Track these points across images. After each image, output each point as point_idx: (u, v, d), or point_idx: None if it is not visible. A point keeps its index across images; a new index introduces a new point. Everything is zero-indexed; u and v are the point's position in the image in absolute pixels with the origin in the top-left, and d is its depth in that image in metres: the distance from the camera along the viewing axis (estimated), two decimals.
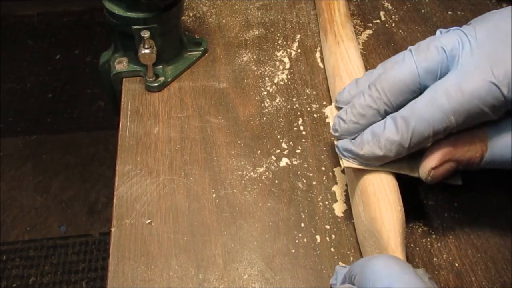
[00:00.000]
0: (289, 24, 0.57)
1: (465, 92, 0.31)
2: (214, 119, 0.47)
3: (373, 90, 0.35)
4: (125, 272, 0.37)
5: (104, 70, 0.53)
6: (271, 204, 0.41)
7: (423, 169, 0.34)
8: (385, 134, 0.33)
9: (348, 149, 0.36)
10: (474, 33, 0.33)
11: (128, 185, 0.42)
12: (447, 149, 0.33)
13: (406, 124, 0.33)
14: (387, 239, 0.33)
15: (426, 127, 0.32)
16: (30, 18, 1.86)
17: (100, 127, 1.54)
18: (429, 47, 0.33)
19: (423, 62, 0.33)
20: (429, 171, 0.34)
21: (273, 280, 0.37)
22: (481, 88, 0.31)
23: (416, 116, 0.32)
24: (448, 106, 0.31)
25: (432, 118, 0.32)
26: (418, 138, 0.33)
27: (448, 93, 0.31)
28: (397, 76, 0.34)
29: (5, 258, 1.24)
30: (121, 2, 0.46)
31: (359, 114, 0.35)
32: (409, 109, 0.33)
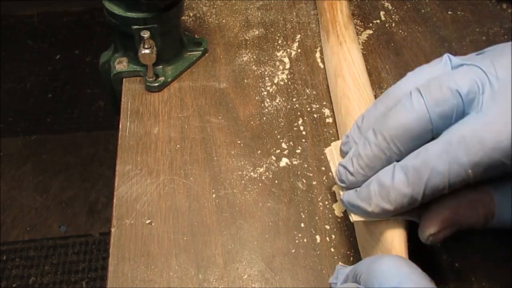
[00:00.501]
0: (289, 24, 0.57)
1: (485, 145, 0.27)
2: (214, 119, 0.47)
3: (379, 139, 0.31)
4: (125, 272, 0.37)
5: (104, 70, 0.53)
6: (271, 204, 0.41)
7: (422, 234, 0.31)
8: (395, 187, 0.30)
9: (355, 205, 0.32)
10: (494, 72, 0.29)
11: (128, 185, 0.42)
12: (448, 215, 0.31)
13: (418, 176, 0.29)
14: (391, 241, 0.33)
15: (441, 180, 0.29)
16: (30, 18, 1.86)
17: (100, 127, 1.54)
18: (442, 89, 0.29)
19: (435, 107, 0.29)
20: (428, 237, 0.31)
21: (273, 280, 0.37)
22: (505, 140, 0.27)
23: (430, 168, 0.29)
24: (466, 159, 0.28)
25: (447, 171, 0.28)
26: (433, 191, 0.29)
27: (466, 144, 0.28)
28: (406, 123, 0.30)
29: (5, 258, 1.24)
30: (121, 2, 0.46)
31: (367, 167, 0.32)
32: (422, 159, 0.29)
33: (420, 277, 0.27)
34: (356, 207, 0.32)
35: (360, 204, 0.31)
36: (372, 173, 0.32)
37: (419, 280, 0.27)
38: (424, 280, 0.27)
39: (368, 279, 0.28)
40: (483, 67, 0.30)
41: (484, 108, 0.28)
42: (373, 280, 0.28)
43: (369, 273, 0.28)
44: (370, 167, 0.31)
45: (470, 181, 0.29)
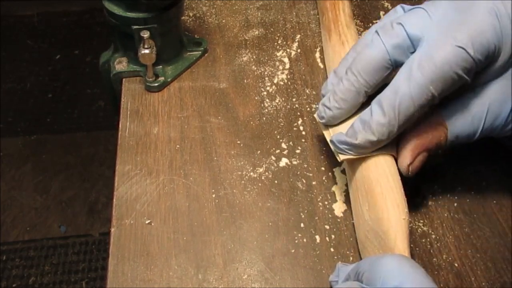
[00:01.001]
0: (289, 24, 0.57)
1: (436, 61, 0.33)
2: (214, 119, 0.47)
3: (349, 74, 0.37)
4: (125, 272, 0.37)
5: (104, 70, 0.53)
6: (270, 204, 0.41)
7: (401, 168, 0.36)
8: (373, 119, 0.35)
9: (343, 141, 0.36)
10: (433, 8, 0.36)
11: (128, 185, 0.42)
12: (414, 143, 0.35)
13: (390, 105, 0.34)
14: (394, 240, 0.33)
15: (409, 103, 0.33)
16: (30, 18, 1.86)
17: (100, 127, 1.54)
18: (393, 27, 0.36)
19: (390, 40, 0.36)
20: (407, 168, 0.36)
21: (273, 280, 0.37)
22: (450, 53, 0.33)
23: (398, 95, 0.34)
24: (424, 78, 0.33)
25: (412, 92, 0.33)
26: (405, 115, 0.34)
27: (421, 65, 0.33)
28: (369, 57, 0.36)
29: (5, 258, 1.24)
30: (121, 2, 0.46)
31: (341, 99, 0.37)
32: (390, 89, 0.35)
33: (423, 277, 0.27)
34: (344, 142, 0.36)
35: (347, 139, 0.36)
36: (346, 106, 0.37)
37: (421, 279, 0.27)
38: (426, 280, 0.27)
39: (371, 278, 0.28)
40: (425, 7, 0.36)
41: (428, 35, 0.35)
42: (376, 279, 0.28)
43: (371, 272, 0.28)
44: (343, 99, 0.37)
45: (435, 100, 0.34)
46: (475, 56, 0.32)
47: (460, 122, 0.35)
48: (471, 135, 0.36)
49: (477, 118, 0.35)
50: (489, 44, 0.33)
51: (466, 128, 0.35)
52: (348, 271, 0.33)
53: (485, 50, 0.33)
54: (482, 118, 0.35)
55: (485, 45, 0.33)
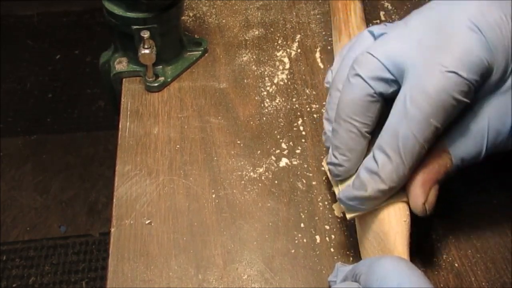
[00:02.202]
0: (289, 24, 0.57)
1: (430, 92, 0.31)
2: (214, 119, 0.47)
3: (341, 123, 0.35)
4: (125, 272, 0.37)
5: (104, 70, 0.53)
6: (270, 204, 0.41)
7: (416, 209, 0.33)
8: (380, 167, 0.32)
9: (353, 197, 0.33)
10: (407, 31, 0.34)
11: (128, 185, 0.42)
12: (423, 179, 0.33)
13: (393, 149, 0.32)
14: (394, 242, 0.32)
15: (413, 142, 0.31)
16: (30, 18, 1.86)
17: (100, 127, 1.54)
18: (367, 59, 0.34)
19: (368, 74, 0.33)
20: (423, 207, 0.33)
21: (273, 281, 0.37)
22: (442, 81, 0.30)
23: (399, 137, 0.31)
24: (422, 113, 0.31)
25: (414, 131, 0.31)
26: (412, 155, 0.32)
27: (414, 100, 0.31)
28: (353, 98, 0.34)
29: (5, 258, 1.24)
30: (121, 2, 0.46)
31: (346, 150, 0.35)
32: (388, 132, 0.32)
33: (420, 279, 0.27)
34: (353, 198, 0.33)
35: (356, 193, 0.33)
36: (354, 154, 0.35)
37: (418, 282, 0.27)
38: (423, 282, 0.27)
39: (368, 280, 0.28)
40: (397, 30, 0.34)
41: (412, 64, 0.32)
42: (373, 280, 0.28)
43: (369, 274, 0.28)
44: (349, 150, 0.35)
45: (440, 131, 0.32)
46: (469, 78, 0.30)
47: (463, 145, 0.33)
48: (476, 156, 0.33)
49: (479, 137, 0.33)
50: (481, 61, 0.31)
51: (470, 150, 0.33)
52: (346, 272, 0.33)
53: (478, 68, 0.31)
54: (484, 137, 0.33)
55: (477, 63, 0.31)
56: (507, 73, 0.32)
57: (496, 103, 0.33)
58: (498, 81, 0.32)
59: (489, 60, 0.31)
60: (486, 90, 0.33)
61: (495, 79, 0.32)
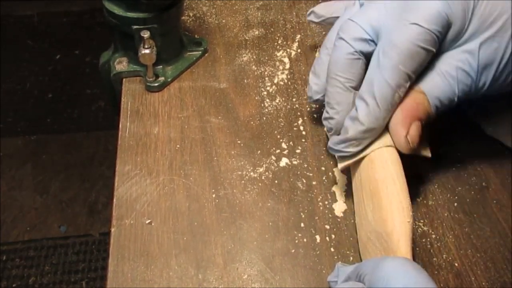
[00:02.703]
0: (289, 24, 0.57)
1: (397, 43, 0.35)
2: (214, 119, 0.47)
3: (330, 80, 0.39)
4: (125, 272, 0.37)
5: (104, 70, 0.53)
6: (271, 204, 0.41)
7: (398, 143, 0.36)
8: (359, 113, 0.36)
9: (338, 141, 0.38)
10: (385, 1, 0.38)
11: (128, 185, 0.42)
12: (402, 115, 0.36)
13: (369, 95, 0.36)
14: (397, 242, 0.32)
15: (386, 87, 0.35)
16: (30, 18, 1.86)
17: (100, 127, 1.54)
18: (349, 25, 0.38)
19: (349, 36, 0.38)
20: (405, 140, 0.36)
21: (273, 280, 0.37)
22: (406, 32, 0.35)
23: (374, 83, 0.36)
24: (391, 61, 0.35)
25: (386, 77, 0.35)
26: (385, 99, 0.35)
27: (385, 52, 0.35)
28: (338, 57, 0.38)
29: (5, 258, 1.24)
30: (121, 2, 0.46)
31: (335, 104, 0.39)
32: (365, 82, 0.37)
33: (426, 280, 0.27)
34: (338, 141, 0.38)
35: (341, 137, 0.38)
36: (341, 107, 0.39)
37: (425, 283, 0.27)
38: (430, 283, 0.27)
39: (373, 280, 0.28)
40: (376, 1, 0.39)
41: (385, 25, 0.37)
42: (379, 281, 0.28)
43: (374, 274, 0.28)
44: (337, 103, 0.39)
45: (412, 78, 0.36)
46: (430, 27, 0.34)
47: (436, 86, 0.37)
48: (451, 96, 0.37)
49: (450, 78, 0.36)
50: (439, 14, 0.35)
51: (443, 90, 0.36)
52: (348, 272, 0.33)
53: (437, 20, 0.35)
54: (454, 77, 0.36)
55: (436, 16, 0.35)
56: (465, 25, 0.36)
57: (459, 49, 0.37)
58: (458, 33, 0.36)
59: (447, 13, 0.35)
60: (449, 41, 0.37)
61: (455, 30, 0.36)
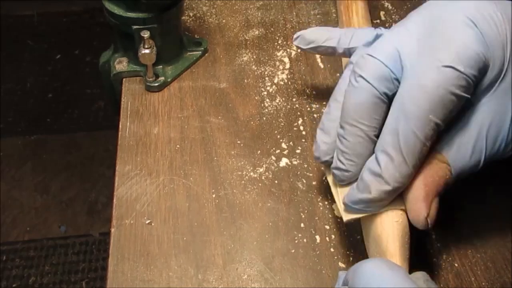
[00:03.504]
0: (289, 24, 0.57)
1: (427, 88, 0.30)
2: (214, 119, 0.47)
3: (348, 127, 0.34)
4: (125, 272, 0.37)
5: (104, 70, 0.53)
6: (271, 204, 0.41)
7: (417, 222, 0.32)
8: (383, 168, 0.32)
9: (358, 200, 0.33)
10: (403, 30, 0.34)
11: (128, 185, 0.42)
12: (424, 192, 0.32)
13: (395, 148, 0.31)
14: (386, 243, 0.32)
15: (414, 140, 0.31)
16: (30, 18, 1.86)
17: (100, 127, 1.54)
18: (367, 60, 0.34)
19: (371, 75, 0.33)
20: (425, 221, 0.32)
21: (273, 281, 0.37)
22: (439, 76, 0.30)
23: (400, 135, 0.31)
24: (420, 109, 0.31)
25: (413, 128, 0.31)
26: (413, 153, 0.31)
27: (412, 97, 0.31)
28: (360, 100, 0.33)
29: (5, 258, 1.24)
30: (121, 2, 0.46)
31: (353, 155, 0.34)
32: (388, 132, 0.32)
33: (403, 280, 0.27)
34: (358, 201, 0.33)
35: (361, 197, 0.33)
36: (360, 159, 0.34)
37: (401, 282, 0.27)
38: (407, 282, 0.27)
39: (354, 282, 0.28)
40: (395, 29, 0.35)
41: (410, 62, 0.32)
42: (358, 282, 0.28)
43: (354, 276, 0.29)
44: (356, 155, 0.34)
45: (440, 127, 0.31)
46: (466, 71, 0.30)
47: (461, 155, 0.32)
48: (474, 166, 0.33)
49: (478, 147, 0.32)
50: (477, 55, 0.31)
51: (468, 160, 0.33)
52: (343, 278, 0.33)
53: (475, 62, 0.31)
54: (483, 146, 0.32)
55: (474, 57, 0.30)
56: (504, 70, 0.32)
57: (491, 108, 0.32)
58: (495, 78, 0.32)
59: (485, 55, 0.31)
60: (483, 88, 0.32)
61: (492, 75, 0.32)
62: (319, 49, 0.43)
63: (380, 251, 0.33)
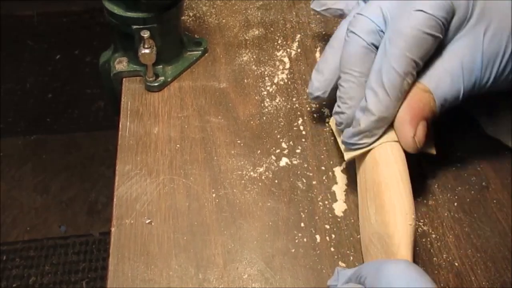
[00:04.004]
0: (289, 24, 0.57)
1: (402, 31, 0.35)
2: (214, 119, 0.47)
3: (343, 75, 0.39)
4: (125, 272, 0.37)
5: (104, 70, 0.53)
6: (271, 203, 0.41)
7: (406, 143, 0.36)
8: (369, 103, 0.36)
9: (351, 134, 0.38)
10: None
11: (128, 185, 0.42)
12: (409, 115, 0.36)
13: (378, 84, 0.36)
14: (398, 245, 0.32)
15: (394, 75, 0.35)
16: (30, 18, 1.86)
17: (100, 127, 1.54)
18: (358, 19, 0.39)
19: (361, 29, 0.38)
20: (413, 140, 0.36)
21: (273, 280, 0.37)
22: (412, 19, 0.35)
23: (381, 72, 0.36)
24: (398, 48, 0.35)
25: (393, 64, 0.35)
26: (394, 87, 0.35)
27: (391, 40, 0.36)
28: (351, 51, 0.38)
29: (5, 258, 1.24)
30: (121, 2, 0.46)
31: (348, 99, 0.39)
32: (372, 72, 0.37)
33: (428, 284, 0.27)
34: (351, 135, 0.38)
35: (353, 130, 0.37)
36: (354, 102, 0.38)
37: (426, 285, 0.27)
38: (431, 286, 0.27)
39: (375, 282, 0.28)
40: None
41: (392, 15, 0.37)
42: (381, 283, 0.28)
43: (375, 276, 0.28)
44: (349, 98, 0.39)
45: (419, 65, 0.36)
46: (435, 14, 0.35)
47: (442, 84, 0.37)
48: (456, 94, 0.37)
49: (456, 76, 0.36)
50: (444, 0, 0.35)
51: (449, 89, 0.37)
52: (348, 275, 0.33)
53: (442, 6, 0.35)
54: (460, 75, 0.36)
55: (441, 2, 0.35)
56: (469, 10, 0.36)
57: (464, 42, 0.37)
58: (463, 19, 0.37)
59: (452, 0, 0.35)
60: (453, 29, 0.37)
61: (459, 17, 0.36)
62: (329, 11, 0.49)
63: (388, 251, 0.33)
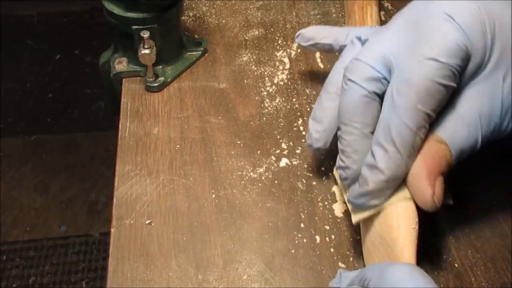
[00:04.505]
0: (289, 24, 0.57)
1: (413, 82, 0.32)
2: (214, 119, 0.47)
3: (343, 127, 0.35)
4: (125, 272, 0.37)
5: (104, 70, 0.53)
6: (270, 204, 0.41)
7: (424, 203, 0.33)
8: (378, 161, 0.33)
9: (358, 194, 0.34)
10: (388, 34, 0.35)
11: (128, 185, 0.42)
12: (426, 171, 0.33)
13: (387, 140, 0.32)
14: (401, 248, 0.32)
15: (405, 130, 0.32)
16: (30, 18, 1.86)
17: (100, 127, 1.54)
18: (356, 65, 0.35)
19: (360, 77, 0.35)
20: (432, 200, 0.32)
21: (273, 281, 0.37)
22: (424, 69, 0.32)
23: (391, 127, 0.32)
24: (408, 101, 0.32)
25: (404, 119, 0.32)
26: (406, 143, 0.32)
27: (400, 92, 0.32)
28: (350, 102, 0.35)
29: (5, 258, 1.24)
30: (121, 2, 0.46)
31: (352, 153, 0.35)
32: (380, 126, 0.33)
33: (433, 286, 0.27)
34: (359, 195, 0.34)
35: (360, 190, 0.34)
36: (359, 156, 0.35)
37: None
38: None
39: (380, 285, 0.28)
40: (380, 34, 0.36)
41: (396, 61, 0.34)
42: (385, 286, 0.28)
43: (380, 279, 0.28)
44: (354, 151, 0.35)
45: (432, 117, 0.33)
46: (449, 62, 0.32)
47: (458, 135, 0.34)
48: (473, 145, 0.34)
49: (473, 125, 0.34)
50: (457, 46, 0.32)
51: (466, 139, 0.34)
52: (351, 277, 0.32)
53: (456, 52, 0.32)
54: (478, 124, 0.33)
55: (454, 48, 0.32)
56: (486, 55, 0.33)
57: (482, 88, 0.34)
58: (479, 65, 0.33)
59: (466, 44, 0.32)
60: (469, 75, 0.34)
61: (475, 63, 0.33)
62: (317, 46, 0.45)
63: (392, 255, 0.33)
